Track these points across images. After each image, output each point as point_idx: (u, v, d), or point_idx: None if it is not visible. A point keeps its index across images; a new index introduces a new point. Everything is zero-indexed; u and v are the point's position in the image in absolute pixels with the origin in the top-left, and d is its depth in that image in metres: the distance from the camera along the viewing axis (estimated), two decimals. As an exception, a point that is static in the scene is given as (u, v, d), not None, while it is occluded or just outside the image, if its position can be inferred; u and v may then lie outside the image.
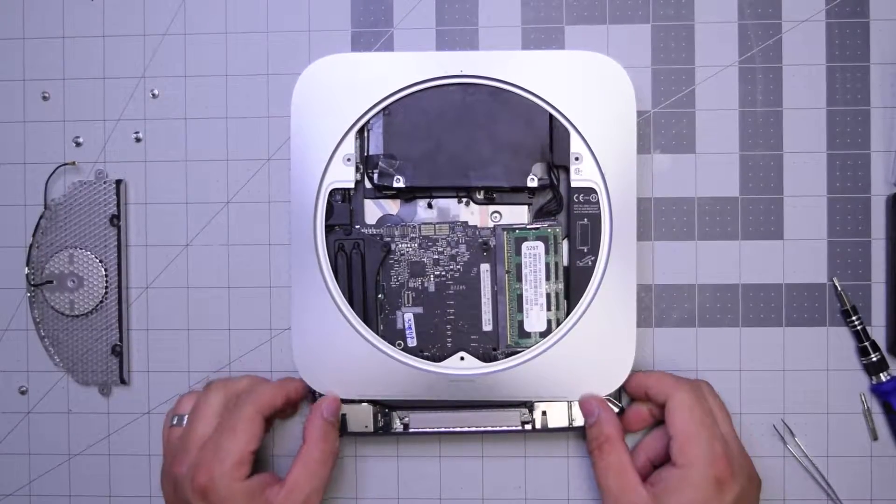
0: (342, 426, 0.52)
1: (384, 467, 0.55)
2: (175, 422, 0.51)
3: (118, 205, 0.55)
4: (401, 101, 0.51)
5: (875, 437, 0.54)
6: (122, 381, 0.56)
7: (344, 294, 0.51)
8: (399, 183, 0.51)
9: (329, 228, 0.51)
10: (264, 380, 0.53)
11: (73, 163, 0.56)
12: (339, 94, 0.50)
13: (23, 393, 0.56)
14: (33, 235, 0.55)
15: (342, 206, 0.51)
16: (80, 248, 0.55)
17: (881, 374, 0.53)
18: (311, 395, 0.53)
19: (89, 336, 0.55)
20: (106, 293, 0.55)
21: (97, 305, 0.55)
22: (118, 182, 0.55)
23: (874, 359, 0.53)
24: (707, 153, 0.55)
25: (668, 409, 0.49)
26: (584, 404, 0.51)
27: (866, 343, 0.53)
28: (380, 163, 0.51)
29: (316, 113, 0.50)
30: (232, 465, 0.47)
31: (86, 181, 0.56)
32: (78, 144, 0.56)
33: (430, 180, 0.51)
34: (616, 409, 0.51)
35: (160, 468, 0.52)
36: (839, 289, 0.54)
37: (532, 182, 0.50)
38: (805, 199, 0.54)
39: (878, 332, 0.54)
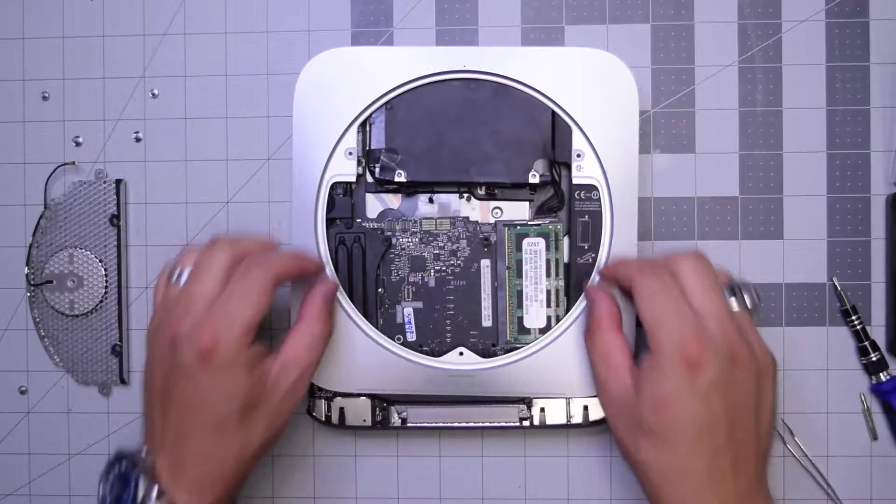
0: (340, 420, 0.52)
1: (383, 467, 0.55)
2: (175, 278, 0.47)
3: (118, 205, 0.55)
4: (404, 96, 0.51)
5: (875, 437, 0.54)
6: (122, 381, 0.56)
7: (344, 288, 0.51)
8: (400, 177, 0.51)
9: (330, 222, 0.51)
10: (274, 245, 0.49)
11: (73, 163, 0.56)
12: (342, 88, 0.50)
13: (23, 393, 0.56)
14: (33, 235, 0.55)
15: (343, 199, 0.51)
16: (80, 248, 0.55)
17: (881, 374, 0.53)
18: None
19: (89, 336, 0.55)
20: (106, 293, 0.55)
21: (97, 305, 0.55)
22: (118, 182, 0.55)
23: (874, 358, 0.53)
24: (707, 153, 0.55)
25: (634, 297, 0.45)
26: (588, 291, 0.50)
27: (866, 343, 0.53)
28: (382, 157, 0.51)
29: (318, 106, 0.50)
30: (241, 332, 0.43)
31: (86, 181, 0.56)
32: (78, 144, 0.56)
33: (431, 175, 0.51)
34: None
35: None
36: (839, 288, 0.54)
37: (533, 178, 0.50)
38: (805, 199, 0.54)
39: (878, 332, 0.54)
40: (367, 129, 0.51)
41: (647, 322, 0.44)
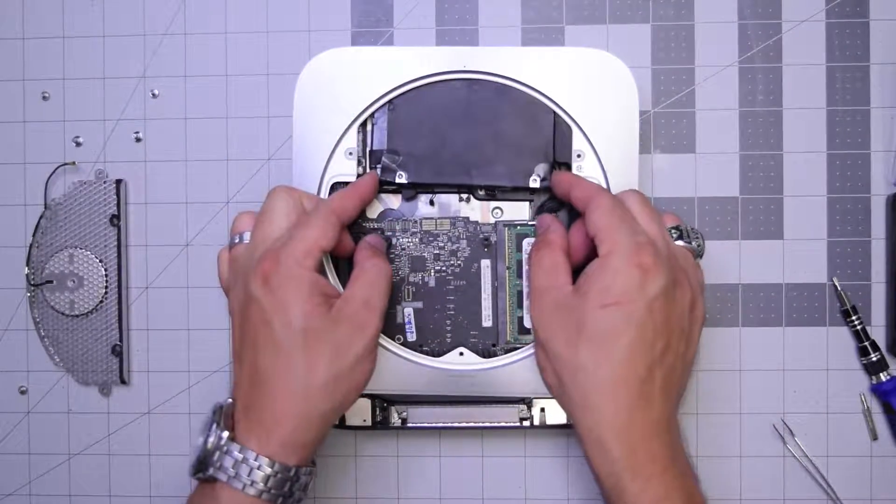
0: (341, 420, 0.52)
1: (383, 467, 0.55)
2: (237, 240, 0.47)
3: (118, 205, 0.55)
4: (405, 97, 0.51)
5: (875, 437, 0.54)
6: (122, 381, 0.56)
7: (344, 288, 0.51)
8: (401, 178, 0.51)
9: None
10: (353, 190, 0.49)
11: (73, 163, 0.56)
12: (342, 88, 0.50)
13: (23, 393, 0.56)
14: (33, 235, 0.55)
15: None
16: (80, 248, 0.55)
17: (881, 374, 0.53)
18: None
19: (89, 336, 0.55)
20: (106, 293, 0.55)
21: (97, 305, 0.55)
22: (118, 182, 0.55)
23: (874, 359, 0.53)
24: (707, 153, 0.55)
25: (588, 211, 0.46)
26: (540, 219, 0.50)
27: (866, 343, 0.53)
28: (383, 158, 0.51)
29: (318, 106, 0.50)
30: (301, 252, 0.44)
31: (86, 181, 0.56)
32: (78, 144, 0.56)
33: (432, 177, 0.51)
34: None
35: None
36: (839, 289, 0.54)
37: (534, 183, 0.50)
38: (805, 199, 0.54)
39: (878, 332, 0.54)
40: (369, 128, 0.51)
41: (600, 229, 0.45)
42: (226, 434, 0.43)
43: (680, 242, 0.47)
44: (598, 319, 0.43)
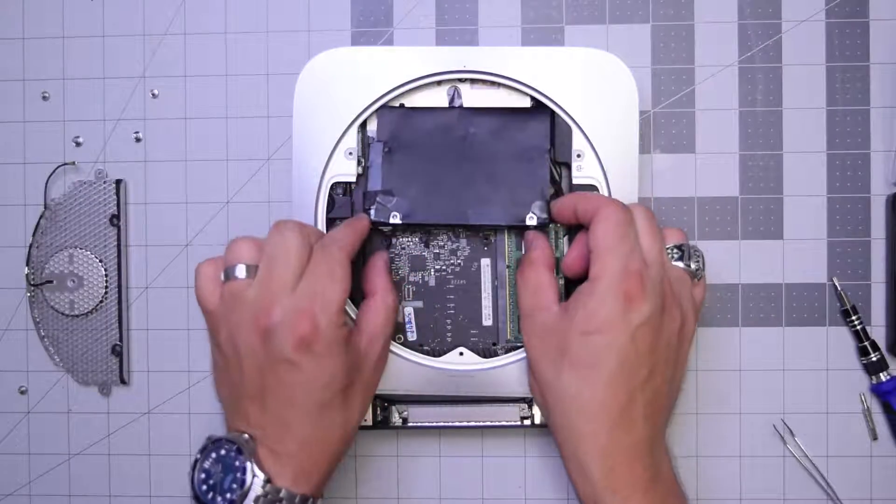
0: None
1: (383, 467, 0.55)
2: (235, 273, 0.45)
3: (118, 205, 0.55)
4: (401, 139, 0.50)
5: (875, 437, 0.54)
6: (122, 381, 0.56)
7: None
8: (396, 219, 0.50)
9: (330, 222, 0.51)
10: (343, 226, 0.49)
11: (73, 163, 0.56)
12: (342, 88, 0.50)
13: (23, 393, 0.56)
14: (33, 235, 0.55)
15: (343, 199, 0.51)
16: (80, 248, 0.55)
17: (881, 374, 0.53)
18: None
19: (89, 336, 0.55)
20: (106, 293, 0.55)
21: (97, 305, 0.55)
22: (118, 182, 0.55)
23: (874, 358, 0.53)
24: (707, 153, 0.55)
25: (593, 222, 0.45)
26: (527, 234, 0.50)
27: (866, 343, 0.53)
28: (377, 199, 0.50)
29: (318, 106, 0.50)
30: (336, 313, 0.44)
31: (86, 181, 0.56)
32: (78, 144, 0.56)
33: (426, 217, 0.50)
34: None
35: (209, 377, 0.48)
36: (839, 289, 0.54)
37: (531, 221, 0.50)
38: (805, 199, 0.54)
39: (878, 332, 0.54)
40: (366, 138, 0.51)
41: (598, 244, 0.45)
42: (262, 475, 0.43)
43: (679, 264, 0.47)
44: (580, 346, 0.44)
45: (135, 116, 0.56)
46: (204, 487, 0.43)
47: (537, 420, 0.52)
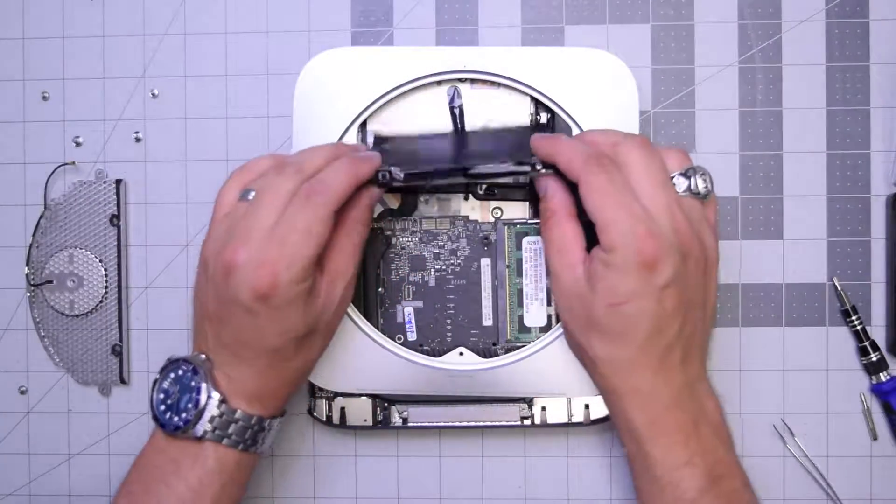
0: (341, 420, 0.52)
1: (383, 467, 0.55)
2: (247, 197, 0.44)
3: (118, 205, 0.55)
4: (394, 151, 0.50)
5: (875, 437, 0.54)
6: (122, 381, 0.56)
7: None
8: (397, 175, 0.47)
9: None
10: (338, 162, 0.45)
11: (73, 163, 0.56)
12: (342, 88, 0.50)
13: (23, 393, 0.56)
14: (33, 235, 0.55)
15: None
16: (80, 248, 0.55)
17: (881, 374, 0.53)
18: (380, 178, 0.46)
19: (89, 336, 0.55)
20: (106, 293, 0.55)
21: (97, 305, 0.55)
22: (118, 182, 0.55)
23: (874, 359, 0.53)
24: (707, 153, 0.55)
25: (581, 191, 0.43)
26: (539, 181, 0.47)
27: (866, 343, 0.53)
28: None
29: (318, 106, 0.50)
30: (301, 270, 0.42)
31: (86, 181, 0.56)
32: (78, 144, 0.56)
33: (428, 169, 0.47)
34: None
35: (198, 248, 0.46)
36: (839, 289, 0.54)
37: (539, 167, 0.46)
38: (805, 199, 0.54)
39: (878, 332, 0.54)
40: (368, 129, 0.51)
41: (598, 219, 0.42)
42: (217, 396, 0.44)
43: (685, 184, 0.44)
44: (608, 317, 0.43)
45: (135, 116, 0.56)
46: (162, 407, 0.45)
47: (538, 420, 0.52)
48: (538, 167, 0.46)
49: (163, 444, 0.45)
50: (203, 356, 0.45)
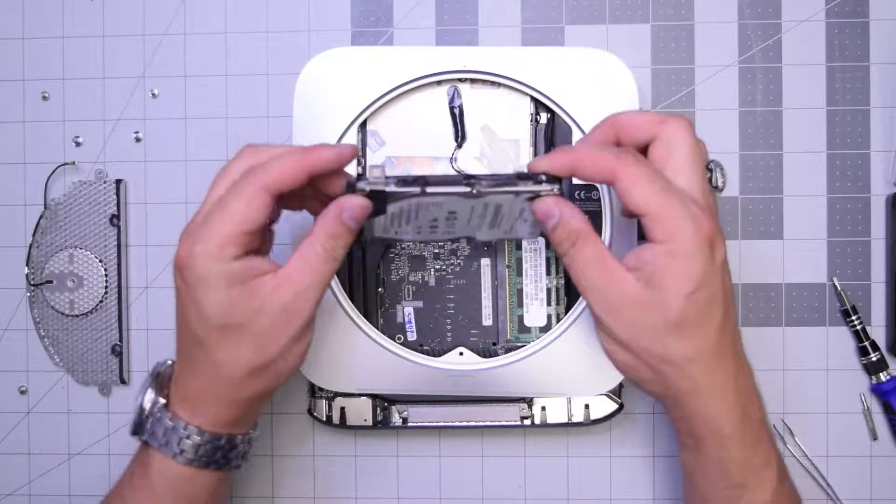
0: (341, 420, 0.52)
1: (383, 467, 0.55)
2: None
3: (118, 205, 0.55)
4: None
5: (875, 437, 0.54)
6: (122, 381, 0.56)
7: (344, 287, 0.51)
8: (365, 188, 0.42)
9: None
10: (294, 150, 0.42)
11: (73, 163, 0.56)
12: (342, 88, 0.50)
13: (23, 393, 0.56)
14: (33, 235, 0.55)
15: None
16: (80, 248, 0.55)
17: (881, 374, 0.53)
18: (349, 186, 0.42)
19: (89, 336, 0.55)
20: (106, 293, 0.55)
21: (97, 305, 0.55)
22: (118, 182, 0.55)
23: (874, 358, 0.53)
24: (707, 153, 0.55)
25: (618, 189, 0.41)
26: (541, 207, 0.42)
27: (866, 343, 0.53)
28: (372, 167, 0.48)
29: (318, 106, 0.50)
30: (216, 245, 0.40)
31: (86, 181, 0.56)
32: (78, 144, 0.56)
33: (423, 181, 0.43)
34: (557, 191, 0.43)
35: None
36: (839, 288, 0.54)
37: (545, 187, 0.43)
38: (805, 199, 0.54)
39: (878, 332, 0.54)
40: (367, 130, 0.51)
41: (648, 210, 0.40)
42: (161, 401, 0.44)
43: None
44: (685, 309, 0.41)
45: (135, 116, 0.56)
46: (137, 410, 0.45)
47: (538, 420, 0.52)
48: (543, 181, 0.42)
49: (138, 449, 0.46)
50: (170, 361, 0.45)
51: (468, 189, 0.41)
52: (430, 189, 0.41)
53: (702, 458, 0.44)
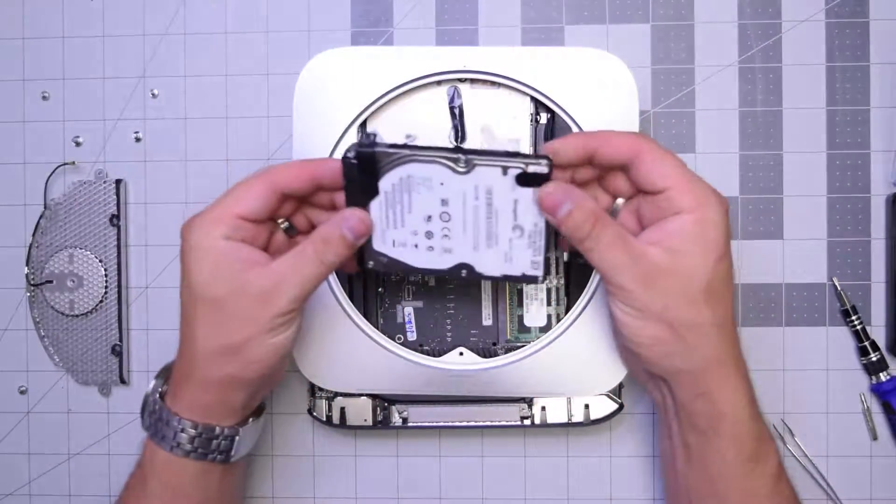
0: (341, 420, 0.52)
1: (383, 467, 0.55)
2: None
3: (118, 205, 0.55)
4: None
5: (875, 437, 0.54)
6: (122, 381, 0.56)
7: (344, 288, 0.51)
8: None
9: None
10: (304, 159, 0.46)
11: (73, 163, 0.56)
12: (342, 88, 0.50)
13: (23, 393, 0.56)
14: (33, 235, 0.55)
15: None
16: (80, 248, 0.55)
17: (881, 374, 0.53)
18: (345, 158, 0.43)
19: (89, 336, 0.55)
20: (106, 293, 0.55)
21: (97, 305, 0.55)
22: (118, 182, 0.55)
23: (874, 358, 0.53)
24: (707, 153, 0.55)
25: (639, 163, 0.43)
26: (548, 198, 0.42)
27: (866, 343, 0.53)
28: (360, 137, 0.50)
29: (318, 106, 0.50)
30: (210, 220, 0.43)
31: (86, 181, 0.56)
32: (78, 144, 0.56)
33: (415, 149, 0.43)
34: (545, 165, 0.42)
35: None
36: (839, 288, 0.54)
37: (539, 168, 0.42)
38: (805, 199, 0.54)
39: (878, 332, 0.54)
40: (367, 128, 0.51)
41: (675, 182, 0.43)
42: (159, 389, 0.46)
43: None
44: (713, 275, 0.43)
45: (135, 116, 0.56)
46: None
47: (537, 420, 0.52)
48: (531, 156, 0.42)
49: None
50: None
51: (457, 156, 0.42)
52: (419, 154, 0.42)
53: (715, 438, 0.45)
